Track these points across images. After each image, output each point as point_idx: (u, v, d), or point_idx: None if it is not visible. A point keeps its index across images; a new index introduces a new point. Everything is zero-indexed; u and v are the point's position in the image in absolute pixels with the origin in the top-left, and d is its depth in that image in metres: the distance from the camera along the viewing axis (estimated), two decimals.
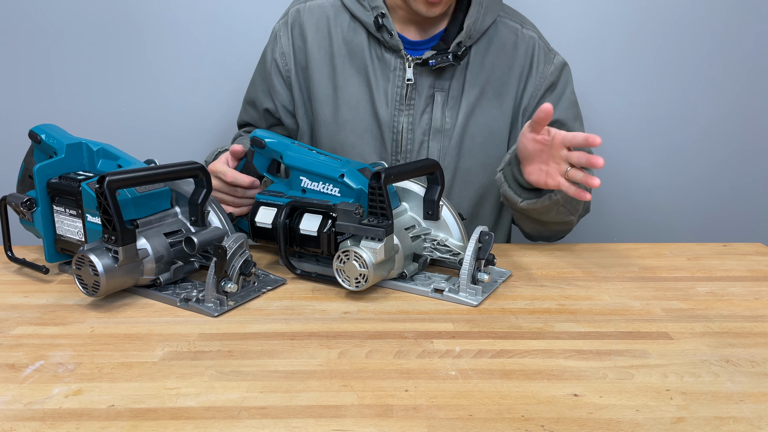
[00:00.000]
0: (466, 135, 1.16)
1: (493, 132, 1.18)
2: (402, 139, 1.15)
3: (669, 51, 1.55)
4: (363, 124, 1.16)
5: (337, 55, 1.16)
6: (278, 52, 1.20)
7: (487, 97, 1.16)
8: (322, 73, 1.16)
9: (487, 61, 1.16)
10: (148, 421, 0.60)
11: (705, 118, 1.59)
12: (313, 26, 1.17)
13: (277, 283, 0.93)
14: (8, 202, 0.96)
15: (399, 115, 1.14)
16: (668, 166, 1.63)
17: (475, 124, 1.16)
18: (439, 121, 1.15)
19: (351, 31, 1.15)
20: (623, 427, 0.60)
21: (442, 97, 1.15)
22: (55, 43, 1.50)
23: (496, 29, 1.17)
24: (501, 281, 0.94)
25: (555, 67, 1.20)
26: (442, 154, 1.17)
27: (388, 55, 1.14)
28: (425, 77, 1.14)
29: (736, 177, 1.64)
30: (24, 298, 0.88)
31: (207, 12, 1.50)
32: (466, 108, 1.15)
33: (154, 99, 1.55)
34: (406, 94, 1.14)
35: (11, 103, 1.54)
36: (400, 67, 1.13)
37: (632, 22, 1.53)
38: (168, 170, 0.87)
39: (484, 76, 1.16)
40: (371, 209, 0.87)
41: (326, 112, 1.17)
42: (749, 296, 0.91)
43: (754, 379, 0.68)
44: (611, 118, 1.58)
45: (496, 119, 1.18)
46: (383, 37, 1.12)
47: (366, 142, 1.16)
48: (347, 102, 1.16)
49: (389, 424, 0.60)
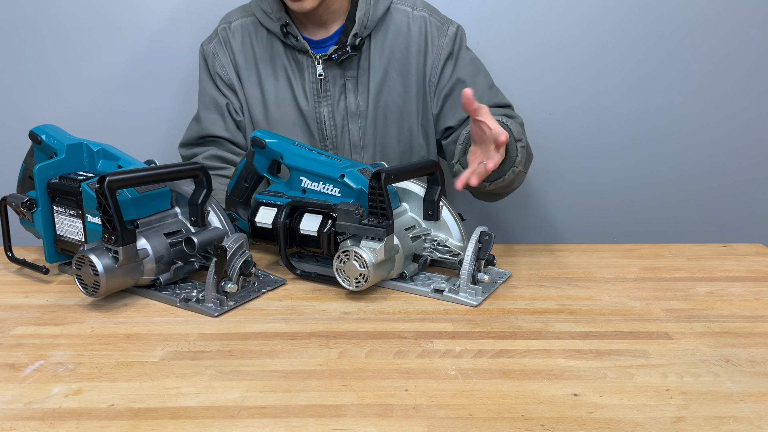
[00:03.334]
0: (378, 113, 1.29)
1: (402, 107, 1.30)
2: (325, 127, 1.29)
3: (670, 50, 1.55)
4: (290, 119, 1.29)
5: (260, 63, 1.30)
6: (218, 66, 1.31)
7: (391, 77, 1.29)
8: (250, 81, 1.31)
9: (386, 45, 1.28)
10: (148, 421, 0.60)
11: (705, 119, 1.59)
12: (239, 41, 1.31)
13: (277, 284, 0.93)
14: (8, 202, 0.96)
15: (319, 107, 1.28)
16: (668, 166, 1.63)
17: (385, 102, 1.29)
18: (353, 105, 1.29)
19: (269, 41, 1.29)
20: (623, 426, 0.60)
21: (353, 84, 1.28)
22: (55, 43, 1.51)
23: (391, 16, 1.29)
24: (501, 282, 0.94)
25: (449, 38, 1.30)
26: (361, 134, 1.30)
27: (300, 56, 1.27)
28: (334, 70, 1.27)
29: (736, 178, 1.64)
30: (24, 299, 0.88)
31: (207, 12, 1.50)
32: (375, 90, 1.28)
33: (154, 99, 1.55)
34: (321, 87, 1.27)
35: (11, 103, 1.54)
36: (311, 65, 1.27)
37: (633, 22, 1.53)
38: (168, 170, 0.88)
39: (386, 59, 1.28)
40: (371, 209, 0.87)
41: (257, 113, 1.30)
42: (749, 296, 0.91)
43: (754, 379, 0.68)
44: (611, 118, 1.58)
45: (401, 95, 1.30)
46: (291, 42, 1.26)
47: (296, 134, 1.29)
48: (274, 102, 1.29)
49: (389, 423, 0.60)
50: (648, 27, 1.53)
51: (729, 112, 1.59)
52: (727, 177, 1.64)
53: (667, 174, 1.63)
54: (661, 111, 1.59)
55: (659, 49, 1.55)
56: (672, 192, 1.64)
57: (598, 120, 1.58)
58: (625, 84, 1.57)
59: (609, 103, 1.58)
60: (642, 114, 1.59)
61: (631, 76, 1.56)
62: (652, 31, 1.54)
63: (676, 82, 1.57)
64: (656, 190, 1.64)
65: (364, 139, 1.31)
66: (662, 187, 1.64)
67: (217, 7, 1.50)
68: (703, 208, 1.65)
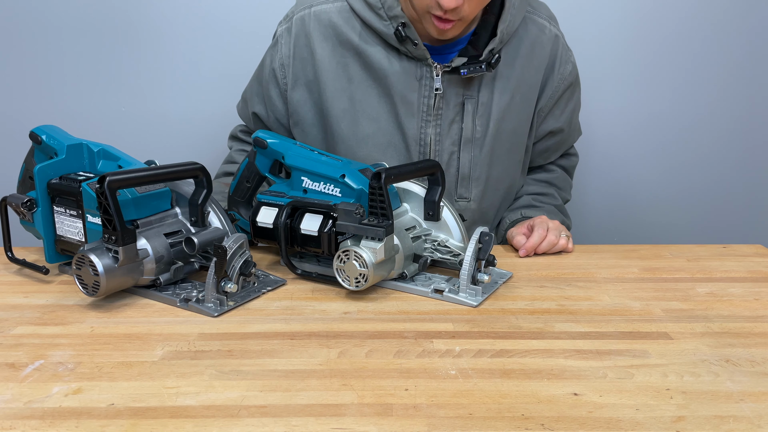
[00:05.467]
0: (497, 143, 1.11)
1: (519, 136, 1.14)
2: (430, 152, 1.09)
3: (669, 51, 1.55)
4: (386, 138, 1.09)
5: (351, 66, 1.08)
6: (278, 62, 1.13)
7: (515, 101, 1.10)
8: (336, 87, 1.09)
9: (517, 64, 1.09)
10: (148, 420, 0.60)
11: (705, 119, 1.60)
12: (321, 36, 1.08)
13: (277, 284, 0.93)
14: (9, 202, 0.96)
15: (426, 127, 1.07)
16: (668, 166, 1.63)
17: (505, 130, 1.11)
18: (470, 130, 1.09)
19: (364, 40, 1.06)
20: (623, 426, 0.60)
21: (472, 105, 1.07)
22: (55, 43, 1.51)
23: (525, 27, 1.10)
24: (501, 282, 0.94)
25: (573, 65, 1.15)
26: (473, 165, 1.11)
27: (411, 63, 1.05)
28: (453, 86, 1.07)
29: (736, 178, 1.64)
30: (24, 299, 0.88)
31: (207, 12, 1.50)
32: (497, 115, 1.09)
33: (154, 99, 1.55)
34: (434, 104, 1.07)
35: (11, 103, 1.54)
36: (426, 76, 1.06)
37: (633, 21, 1.53)
38: (168, 171, 0.88)
39: (515, 81, 1.09)
40: (371, 209, 0.87)
41: (343, 127, 1.09)
42: (749, 297, 0.91)
43: (754, 379, 0.68)
44: (611, 118, 1.58)
45: (521, 123, 1.13)
46: (406, 48, 1.04)
47: (389, 156, 1.10)
48: (367, 115, 1.09)
49: (389, 422, 0.60)
50: (648, 26, 1.54)
51: (729, 112, 1.59)
52: (727, 177, 1.64)
53: (667, 174, 1.63)
54: (660, 112, 1.59)
55: (658, 50, 1.55)
56: (672, 192, 1.64)
57: (597, 121, 1.58)
58: (625, 85, 1.57)
59: (608, 104, 1.58)
60: (642, 115, 1.59)
61: (631, 78, 1.57)
62: (652, 31, 1.54)
63: (676, 82, 1.57)
64: (656, 191, 1.65)
65: (476, 171, 1.11)
66: (662, 188, 1.64)
67: (216, 8, 1.51)
68: (703, 209, 1.65)
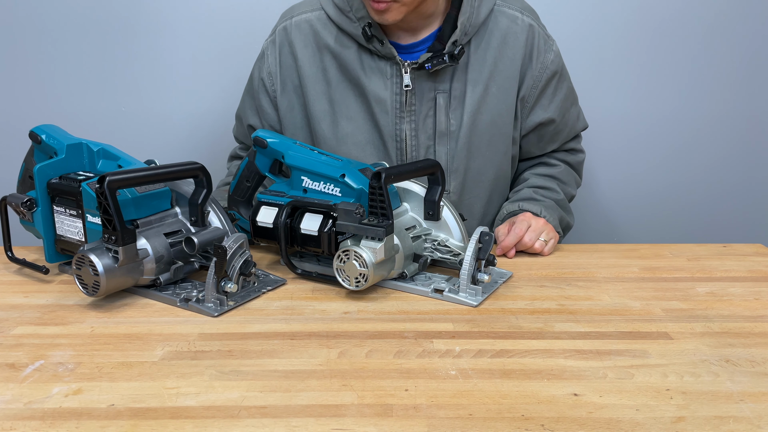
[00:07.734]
0: (473, 135, 1.12)
1: (499, 127, 1.14)
2: (406, 147, 1.12)
3: (669, 51, 1.55)
4: (364, 136, 1.13)
5: (329, 69, 1.13)
6: (265, 72, 1.18)
7: (491, 93, 1.12)
8: (316, 89, 1.14)
9: (489, 55, 1.11)
10: (148, 420, 0.60)
11: (705, 119, 1.60)
12: (302, 43, 1.14)
13: (277, 284, 0.93)
14: (8, 202, 0.96)
15: (401, 123, 1.11)
16: (668, 166, 1.63)
17: (482, 122, 1.12)
18: (444, 124, 1.11)
19: (339, 43, 1.11)
20: (623, 426, 0.60)
21: (445, 100, 1.10)
22: (55, 43, 1.51)
23: (495, 19, 1.12)
24: (501, 282, 0.94)
25: (555, 54, 1.16)
26: (450, 157, 1.13)
27: (381, 63, 1.10)
28: (424, 81, 1.10)
29: (736, 178, 1.64)
30: (24, 298, 0.88)
31: (207, 13, 1.50)
32: (472, 107, 1.11)
33: (153, 99, 1.55)
34: (405, 100, 1.10)
35: (11, 103, 1.54)
36: (396, 74, 1.10)
37: (633, 22, 1.53)
38: (168, 170, 0.87)
39: (487, 72, 1.11)
40: (371, 209, 0.87)
41: (324, 127, 1.14)
42: (749, 297, 0.91)
43: (754, 379, 0.68)
44: (611, 118, 1.58)
45: (501, 114, 1.13)
46: (374, 47, 1.08)
47: (369, 153, 1.13)
48: (345, 115, 1.13)
49: (389, 423, 0.60)
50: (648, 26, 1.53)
51: (729, 112, 1.59)
52: (726, 177, 1.64)
53: (667, 174, 1.63)
54: (660, 112, 1.59)
55: (658, 49, 1.55)
56: (672, 192, 1.64)
57: (597, 121, 1.58)
58: (625, 85, 1.57)
59: (608, 104, 1.58)
60: (641, 115, 1.59)
61: (631, 78, 1.56)
62: (652, 30, 1.54)
63: (675, 82, 1.57)
64: (656, 190, 1.64)
65: (454, 164, 1.13)
66: (662, 187, 1.64)
67: (216, 8, 1.51)
68: (703, 208, 1.65)
